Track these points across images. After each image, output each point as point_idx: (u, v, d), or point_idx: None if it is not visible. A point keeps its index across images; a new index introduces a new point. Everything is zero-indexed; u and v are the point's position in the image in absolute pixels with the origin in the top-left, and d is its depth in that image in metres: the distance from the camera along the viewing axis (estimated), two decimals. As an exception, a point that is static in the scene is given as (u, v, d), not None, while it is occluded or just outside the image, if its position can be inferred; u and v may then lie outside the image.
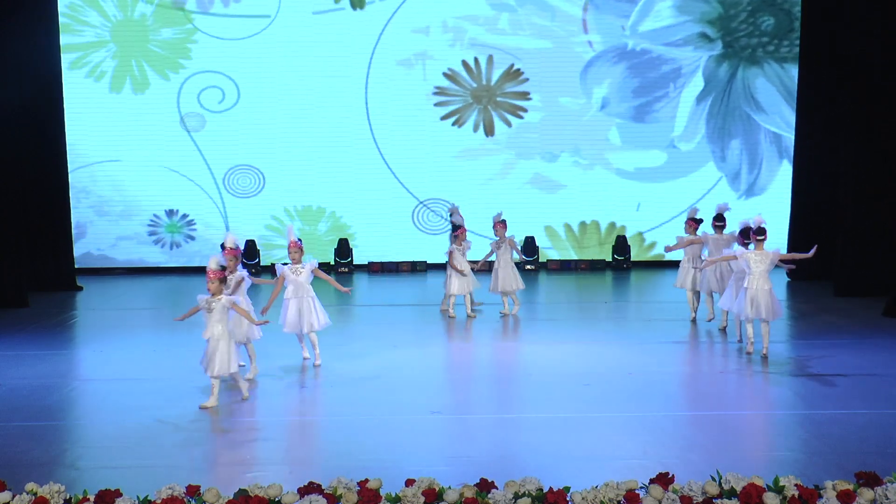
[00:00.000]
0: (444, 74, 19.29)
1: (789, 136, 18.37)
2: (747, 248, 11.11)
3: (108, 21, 18.35)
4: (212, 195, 18.63)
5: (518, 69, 19.33)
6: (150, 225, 18.44)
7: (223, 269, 9.30)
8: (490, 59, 19.20)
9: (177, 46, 18.48)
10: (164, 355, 11.10)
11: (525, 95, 19.39)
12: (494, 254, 13.52)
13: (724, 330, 12.22)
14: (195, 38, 18.54)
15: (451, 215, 13.87)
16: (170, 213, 18.47)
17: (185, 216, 18.57)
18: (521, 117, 19.42)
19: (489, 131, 19.30)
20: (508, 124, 19.33)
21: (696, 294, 12.94)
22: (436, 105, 19.35)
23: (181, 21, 18.48)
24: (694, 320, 12.96)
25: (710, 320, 12.85)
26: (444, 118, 19.35)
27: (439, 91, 19.31)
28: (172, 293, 16.12)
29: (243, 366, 9.96)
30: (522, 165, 19.49)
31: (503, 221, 13.64)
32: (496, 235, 13.59)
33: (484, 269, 14.11)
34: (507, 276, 13.39)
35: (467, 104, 19.48)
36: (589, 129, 19.55)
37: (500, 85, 19.46)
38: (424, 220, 19.14)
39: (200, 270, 17.56)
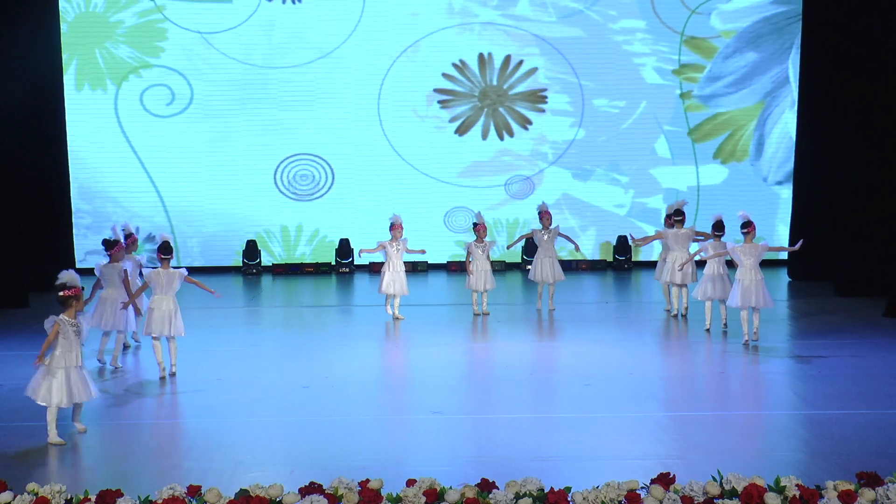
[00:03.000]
0: (446, 73, 17.81)
1: (793, 92, 17.56)
2: (735, 242, 11.54)
3: (85, 7, 17.58)
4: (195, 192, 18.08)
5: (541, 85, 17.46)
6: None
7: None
8: (490, 56, 17.84)
9: (118, 67, 17.54)
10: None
11: (538, 100, 17.71)
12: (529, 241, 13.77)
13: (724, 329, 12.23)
14: (144, 72, 17.65)
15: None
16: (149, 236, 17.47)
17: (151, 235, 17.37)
18: (526, 129, 17.81)
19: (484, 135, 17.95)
20: (510, 133, 17.85)
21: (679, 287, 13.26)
22: (441, 108, 18.02)
23: (150, 49, 17.67)
24: (670, 312, 13.34)
25: (674, 315, 13.14)
26: (451, 122, 17.98)
27: (444, 94, 17.90)
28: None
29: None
30: (548, 182, 17.71)
31: (548, 211, 13.79)
32: (541, 224, 13.73)
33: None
34: (551, 265, 13.59)
35: (473, 105, 18.04)
36: (630, 137, 17.56)
37: (512, 87, 17.74)
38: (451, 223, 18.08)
39: (200, 270, 17.72)
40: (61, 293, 8.11)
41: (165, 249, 10.41)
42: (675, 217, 13.11)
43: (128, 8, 17.75)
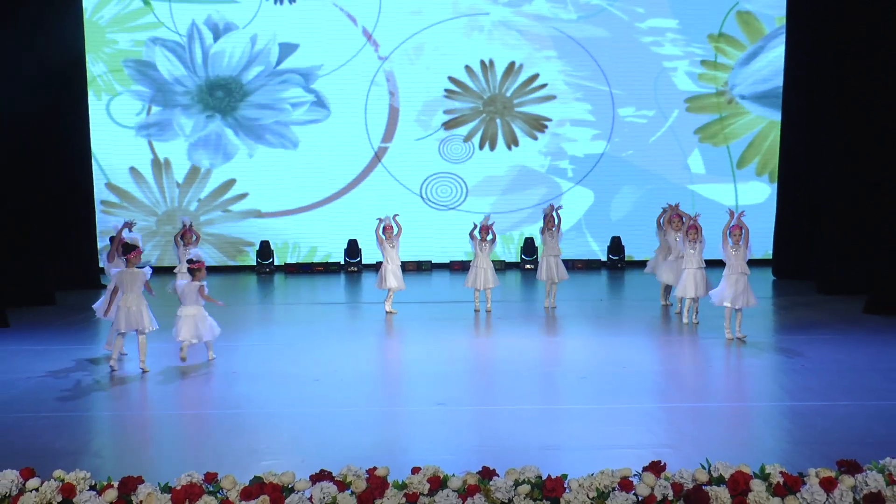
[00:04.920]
0: (469, 66, 16.14)
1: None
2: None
3: (91, 14, 17.10)
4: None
5: (548, 93, 15.64)
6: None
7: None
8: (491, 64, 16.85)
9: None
10: (179, 351, 11.12)
11: (538, 127, 16.23)
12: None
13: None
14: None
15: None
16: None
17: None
18: (510, 148, 16.56)
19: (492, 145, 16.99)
20: (516, 143, 16.62)
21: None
22: (445, 97, 16.75)
23: (122, 78, 17.27)
24: (667, 308, 13.56)
25: (675, 309, 13.30)
26: (446, 112, 16.75)
27: (456, 86, 16.63)
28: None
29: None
30: (568, 201, 15.97)
31: (552, 215, 13.57)
32: (545, 225, 13.63)
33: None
34: (556, 265, 13.55)
35: (474, 107, 16.84)
36: (660, 151, 15.60)
37: (522, 105, 16.23)
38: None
39: (215, 270, 17.74)
40: (190, 266, 10.47)
41: (129, 249, 10.43)
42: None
43: (130, 32, 17.30)
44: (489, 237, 13.39)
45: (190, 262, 10.54)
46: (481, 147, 17.27)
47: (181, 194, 17.94)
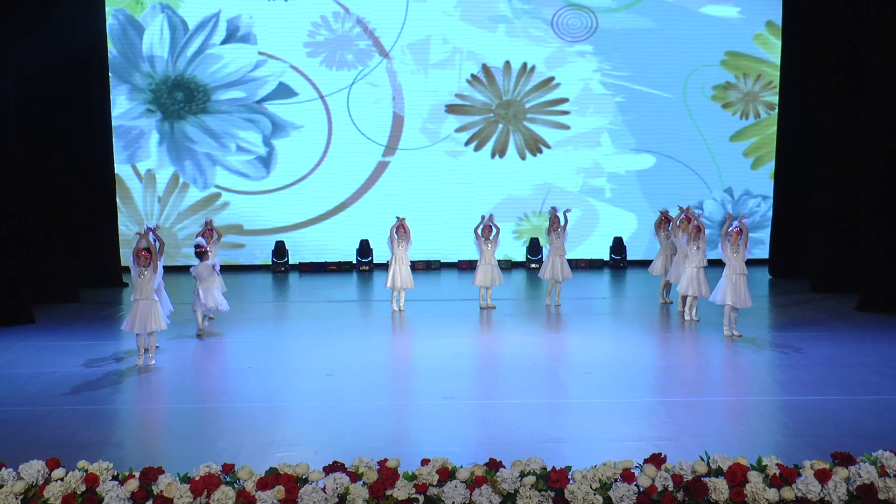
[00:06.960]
0: (494, 64, 14.48)
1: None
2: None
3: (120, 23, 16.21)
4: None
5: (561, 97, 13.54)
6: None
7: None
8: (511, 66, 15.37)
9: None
10: (198, 346, 11.13)
11: (535, 148, 14.83)
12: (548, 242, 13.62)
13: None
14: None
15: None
16: None
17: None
18: (493, 158, 15.58)
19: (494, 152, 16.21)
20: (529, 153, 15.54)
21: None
22: (468, 83, 15.18)
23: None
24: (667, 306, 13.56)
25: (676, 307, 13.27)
26: (457, 96, 15.46)
27: (478, 79, 15.24)
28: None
29: None
30: (604, 225, 14.53)
31: (558, 217, 13.43)
32: (550, 225, 13.52)
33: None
34: (561, 264, 13.42)
35: (484, 104, 15.54)
36: (715, 167, 13.21)
37: (533, 121, 14.83)
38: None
39: (234, 269, 17.77)
40: (197, 250, 11.78)
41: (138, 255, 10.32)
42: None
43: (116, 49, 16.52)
44: (492, 235, 13.34)
45: (197, 246, 11.91)
46: (466, 144, 16.05)
47: (180, 215, 17.46)
